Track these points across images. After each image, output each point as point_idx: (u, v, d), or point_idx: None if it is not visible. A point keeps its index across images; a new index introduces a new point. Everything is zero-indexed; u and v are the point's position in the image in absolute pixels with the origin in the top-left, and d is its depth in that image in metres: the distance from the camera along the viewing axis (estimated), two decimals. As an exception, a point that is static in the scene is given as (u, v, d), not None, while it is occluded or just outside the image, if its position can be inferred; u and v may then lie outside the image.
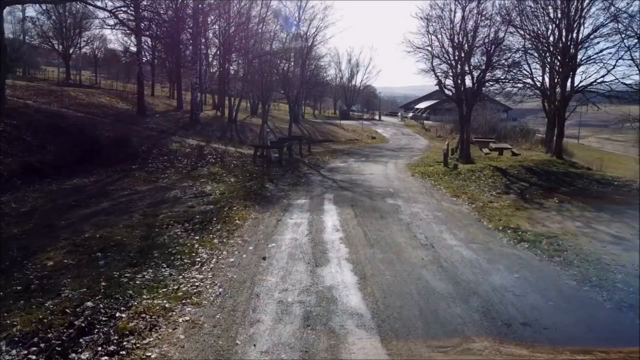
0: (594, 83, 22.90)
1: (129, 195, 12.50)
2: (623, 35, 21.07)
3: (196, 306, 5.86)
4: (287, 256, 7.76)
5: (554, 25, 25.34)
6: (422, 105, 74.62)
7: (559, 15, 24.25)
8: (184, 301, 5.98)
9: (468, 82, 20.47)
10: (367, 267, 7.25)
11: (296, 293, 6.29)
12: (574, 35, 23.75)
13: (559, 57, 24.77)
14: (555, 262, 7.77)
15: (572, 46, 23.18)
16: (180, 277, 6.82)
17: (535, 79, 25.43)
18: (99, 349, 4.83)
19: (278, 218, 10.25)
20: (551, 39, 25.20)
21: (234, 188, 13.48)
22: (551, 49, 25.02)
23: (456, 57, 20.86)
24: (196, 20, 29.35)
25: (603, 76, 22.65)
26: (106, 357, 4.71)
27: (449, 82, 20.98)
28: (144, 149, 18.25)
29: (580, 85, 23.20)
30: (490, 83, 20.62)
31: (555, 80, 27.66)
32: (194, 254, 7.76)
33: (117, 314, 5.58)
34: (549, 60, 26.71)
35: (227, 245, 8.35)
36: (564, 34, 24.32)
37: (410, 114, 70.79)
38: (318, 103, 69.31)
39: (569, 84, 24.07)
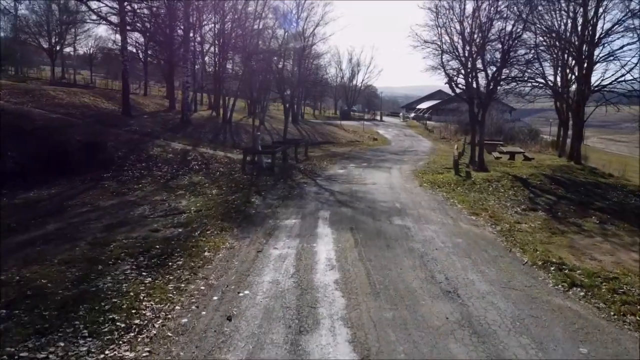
0: (614, 82, 20.71)
1: (87, 213, 10.32)
2: (640, 33, 18.86)
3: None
4: (262, 313, 5.56)
5: (569, 18, 23.16)
6: (424, 105, 72.38)
7: (576, 8, 22.00)
8: (88, 412, 3.78)
9: (481, 80, 18.18)
10: (372, 336, 5.04)
11: (266, 390, 4.09)
12: (590, 30, 21.52)
13: (574, 54, 22.53)
14: (631, 324, 5.55)
15: (592, 42, 20.89)
16: (102, 356, 4.62)
17: (547, 78, 23.24)
18: None
19: (259, 247, 8.04)
20: (563, 35, 23.03)
21: (213, 203, 11.28)
22: (566, 45, 22.77)
23: (466, 54, 18.62)
24: (187, 15, 27.15)
25: (624, 75, 20.48)
26: None
27: (460, 80, 18.70)
28: (120, 154, 16.06)
29: (599, 85, 20.92)
30: (506, 82, 18.29)
31: (569, 78, 25.48)
32: (134, 311, 5.55)
33: None
34: (563, 57, 24.52)
35: (184, 293, 6.14)
36: (579, 28, 22.14)
37: (412, 114, 68.55)
38: (318, 103, 67.09)
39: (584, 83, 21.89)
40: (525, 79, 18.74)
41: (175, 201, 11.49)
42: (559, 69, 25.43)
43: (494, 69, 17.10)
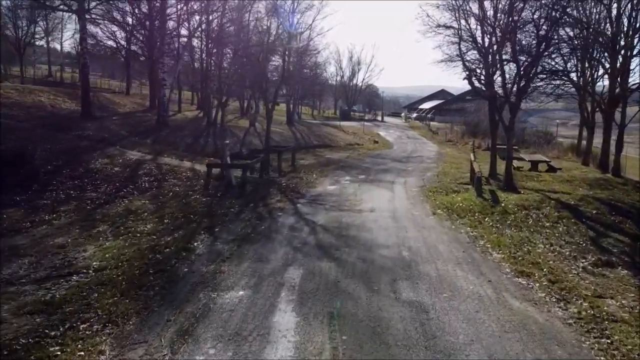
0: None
1: None
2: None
3: None
4: None
5: (597, 6, 19.09)
6: (427, 105, 68.13)
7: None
8: None
9: (507, 75, 14.01)
10: None
11: None
12: (634, 20, 17.47)
13: (608, 47, 18.41)
14: None
15: (635, 32, 16.82)
16: None
17: (570, 74, 19.15)
18: None
19: (150, 378, 4.09)
20: (594, 26, 18.96)
21: (133, 252, 7.32)
22: (600, 37, 18.67)
23: (486, 43, 14.54)
24: (163, 7, 23.19)
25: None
26: None
27: (480, 76, 14.57)
28: (50, 168, 12.15)
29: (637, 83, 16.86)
30: (542, 76, 14.13)
31: (593, 74, 21.49)
32: None
33: None
34: (589, 51, 20.43)
35: None
36: (613, 15, 18.09)
37: (414, 115, 64.47)
38: (317, 102, 62.97)
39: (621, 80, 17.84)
40: (566, 72, 14.61)
41: (80, 248, 7.54)
42: (585, 64, 21.40)
43: (523, 59, 12.97)
